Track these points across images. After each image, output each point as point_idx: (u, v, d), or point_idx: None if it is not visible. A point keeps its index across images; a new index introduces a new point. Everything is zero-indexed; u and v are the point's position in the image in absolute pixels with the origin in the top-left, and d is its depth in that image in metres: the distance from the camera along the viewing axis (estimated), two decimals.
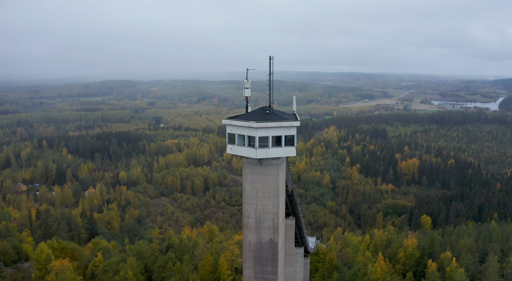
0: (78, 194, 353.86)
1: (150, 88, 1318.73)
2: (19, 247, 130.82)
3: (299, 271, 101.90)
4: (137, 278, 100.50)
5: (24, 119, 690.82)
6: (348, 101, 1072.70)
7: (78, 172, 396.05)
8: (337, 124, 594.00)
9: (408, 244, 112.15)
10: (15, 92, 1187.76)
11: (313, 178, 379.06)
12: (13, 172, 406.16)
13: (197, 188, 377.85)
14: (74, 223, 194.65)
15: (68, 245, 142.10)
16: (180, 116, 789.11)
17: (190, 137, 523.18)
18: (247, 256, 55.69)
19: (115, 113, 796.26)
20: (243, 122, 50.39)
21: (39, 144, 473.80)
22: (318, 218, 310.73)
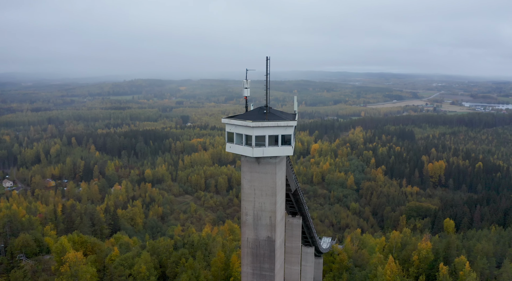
0: (104, 190, 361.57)
1: (179, 87, 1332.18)
2: (41, 240, 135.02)
3: (309, 271, 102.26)
4: (150, 273, 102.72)
5: (55, 117, 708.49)
6: (377, 102, 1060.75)
7: (105, 169, 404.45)
8: (364, 125, 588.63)
9: (422, 247, 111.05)
10: (47, 90, 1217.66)
11: (337, 178, 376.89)
12: (42, 168, 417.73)
13: (220, 186, 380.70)
14: (97, 218, 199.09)
15: (88, 239, 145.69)
16: (207, 116, 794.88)
17: (215, 136, 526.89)
18: (245, 253, 56.72)
19: (143, 111, 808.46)
20: (241, 122, 51.36)
21: (68, 141, 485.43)
22: (340, 219, 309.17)
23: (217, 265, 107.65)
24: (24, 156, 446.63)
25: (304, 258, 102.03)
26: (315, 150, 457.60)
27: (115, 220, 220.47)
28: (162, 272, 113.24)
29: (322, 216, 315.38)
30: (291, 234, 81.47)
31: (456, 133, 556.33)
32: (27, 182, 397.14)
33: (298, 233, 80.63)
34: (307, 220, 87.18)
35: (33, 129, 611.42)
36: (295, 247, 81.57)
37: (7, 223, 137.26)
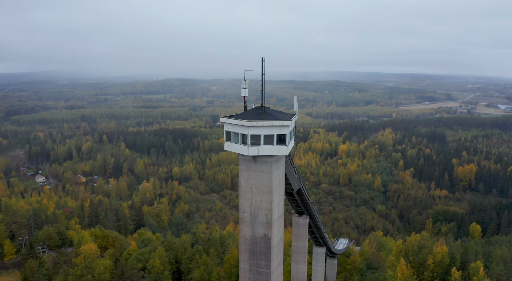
0: (132, 187, 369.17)
1: (210, 87, 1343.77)
2: (64, 233, 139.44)
3: (320, 271, 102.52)
4: (164, 267, 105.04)
5: (88, 115, 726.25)
6: (409, 103, 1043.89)
7: (134, 166, 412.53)
8: (394, 126, 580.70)
9: (438, 251, 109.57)
10: (82, 89, 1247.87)
11: (364, 180, 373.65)
12: (74, 164, 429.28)
13: None
14: (121, 214, 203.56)
15: (110, 233, 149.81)
16: None
17: None
18: (242, 249, 57.81)
19: (174, 110, 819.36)
20: (237, 121, 52.43)
21: (99, 138, 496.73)
22: (366, 221, 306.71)
23: (230, 262, 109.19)
24: (56, 152, 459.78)
25: (315, 258, 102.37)
26: (343, 151, 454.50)
27: (139, 216, 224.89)
28: (177, 268, 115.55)
29: (347, 218, 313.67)
30: (298, 233, 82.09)
31: (489, 137, 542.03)
32: (59, 177, 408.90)
33: (304, 233, 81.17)
34: (315, 219, 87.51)
35: (66, 127, 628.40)
36: (302, 246, 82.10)
37: (32, 216, 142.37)
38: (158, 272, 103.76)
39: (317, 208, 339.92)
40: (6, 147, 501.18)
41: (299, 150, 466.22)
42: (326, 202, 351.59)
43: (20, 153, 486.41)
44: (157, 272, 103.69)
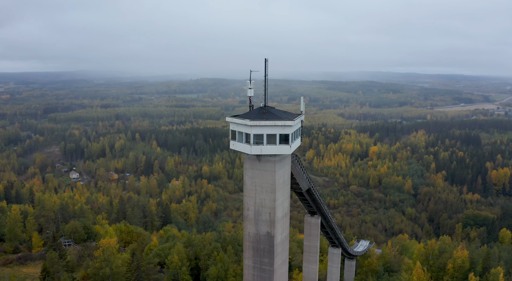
0: (162, 185, 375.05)
1: (243, 86, 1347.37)
2: (90, 227, 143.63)
3: (335, 271, 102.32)
4: (182, 263, 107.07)
5: (122, 113, 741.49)
6: (445, 105, 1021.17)
7: (165, 164, 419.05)
8: (427, 128, 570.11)
9: (458, 256, 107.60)
10: (118, 88, 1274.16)
11: (394, 182, 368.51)
12: (107, 161, 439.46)
13: None
14: (148, 210, 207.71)
15: (134, 229, 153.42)
16: None
17: None
18: (247, 246, 58.71)
19: (206, 110, 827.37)
20: (241, 120, 53.40)
21: (132, 136, 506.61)
22: (394, 224, 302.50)
23: None
24: (90, 149, 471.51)
25: (331, 258, 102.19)
26: (374, 152, 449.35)
27: (166, 213, 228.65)
28: (196, 264, 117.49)
29: (375, 220, 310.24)
30: (309, 233, 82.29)
31: None
32: (92, 174, 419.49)
33: (316, 232, 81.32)
34: (328, 220, 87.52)
35: (101, 125, 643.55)
36: (313, 246, 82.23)
37: (59, 210, 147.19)
38: (176, 268, 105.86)
39: (345, 209, 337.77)
40: (43, 143, 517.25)
41: (329, 151, 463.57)
42: (354, 203, 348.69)
43: (55, 150, 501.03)
44: (175, 268, 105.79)
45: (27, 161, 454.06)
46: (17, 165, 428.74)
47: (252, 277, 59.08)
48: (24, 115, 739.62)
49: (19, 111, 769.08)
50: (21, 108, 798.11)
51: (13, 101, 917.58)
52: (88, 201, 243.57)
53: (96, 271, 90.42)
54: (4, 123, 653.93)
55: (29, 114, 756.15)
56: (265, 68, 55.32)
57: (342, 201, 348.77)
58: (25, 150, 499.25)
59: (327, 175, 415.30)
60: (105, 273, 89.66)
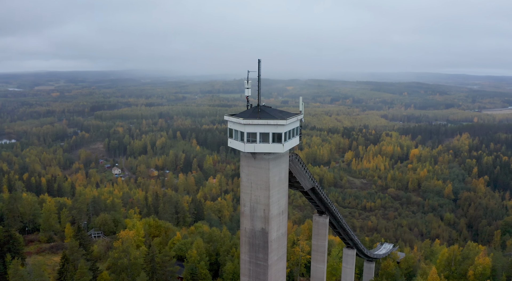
0: (200, 182, 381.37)
1: (286, 87, 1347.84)
2: (120, 220, 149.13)
3: (349, 273, 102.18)
4: (201, 258, 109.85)
5: (165, 112, 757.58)
6: (494, 107, 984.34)
7: (203, 162, 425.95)
8: (472, 131, 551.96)
9: (479, 263, 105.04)
10: (163, 87, 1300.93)
11: (434, 186, 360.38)
12: (148, 158, 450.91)
13: None
14: (180, 207, 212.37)
15: (163, 223, 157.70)
16: (309, 116, 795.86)
17: (313, 136, 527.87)
18: (243, 241, 60.34)
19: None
20: (235, 119, 55.12)
21: (173, 134, 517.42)
22: (431, 229, 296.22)
23: None
24: (133, 146, 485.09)
25: (345, 259, 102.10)
26: (414, 155, 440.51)
27: (199, 210, 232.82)
28: (216, 259, 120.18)
29: (412, 225, 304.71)
30: (317, 233, 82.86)
31: None
32: (133, 170, 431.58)
33: (324, 232, 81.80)
34: (339, 220, 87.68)
35: (145, 123, 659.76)
36: (321, 246, 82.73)
37: (91, 203, 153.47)
38: (194, 262, 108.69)
39: (381, 212, 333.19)
40: (88, 140, 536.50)
41: (369, 153, 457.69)
42: (391, 207, 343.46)
43: (100, 146, 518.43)
44: (194, 262, 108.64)
45: (72, 156, 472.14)
46: (63, 160, 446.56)
47: (248, 271, 60.71)
48: (72, 113, 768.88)
49: (67, 108, 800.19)
50: (69, 106, 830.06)
51: (62, 99, 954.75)
52: (124, 196, 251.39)
53: (115, 261, 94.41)
54: (53, 120, 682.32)
55: (77, 111, 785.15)
56: (259, 69, 56.76)
57: (378, 204, 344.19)
58: (71, 145, 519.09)
59: (365, 177, 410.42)
60: (123, 263, 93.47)
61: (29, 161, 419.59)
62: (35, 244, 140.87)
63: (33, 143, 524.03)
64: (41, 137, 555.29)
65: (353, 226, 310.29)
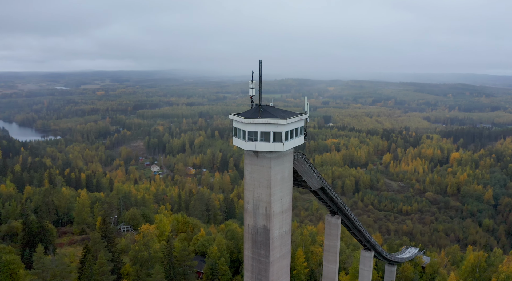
0: (235, 181, 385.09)
1: (327, 87, 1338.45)
2: (149, 215, 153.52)
3: (366, 275, 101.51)
4: (221, 254, 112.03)
5: (205, 111, 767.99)
6: None
7: (240, 162, 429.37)
8: None
9: (503, 270, 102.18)
10: (205, 87, 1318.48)
11: (474, 191, 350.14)
12: (186, 156, 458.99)
13: (347, 188, 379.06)
14: (211, 205, 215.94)
15: (191, 220, 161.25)
16: (349, 117, 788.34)
17: (351, 137, 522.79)
18: (246, 238, 61.70)
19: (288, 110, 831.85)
20: (238, 118, 56.71)
21: (212, 134, 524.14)
22: (468, 235, 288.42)
23: None
24: (171, 144, 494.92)
25: (362, 261, 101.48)
26: (455, 158, 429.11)
27: (230, 208, 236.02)
28: (237, 256, 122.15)
29: (448, 230, 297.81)
30: (329, 233, 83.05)
31: None
32: (171, 168, 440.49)
33: (336, 232, 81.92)
34: (353, 221, 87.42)
35: (185, 122, 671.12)
36: (333, 246, 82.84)
37: (122, 198, 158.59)
38: (214, 258, 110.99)
39: (418, 216, 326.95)
40: (129, 137, 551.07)
41: (407, 155, 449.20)
42: (428, 211, 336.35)
43: (140, 144, 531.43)
44: (214, 258, 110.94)
45: (113, 153, 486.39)
46: (104, 157, 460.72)
47: (251, 267, 62.09)
48: (115, 111, 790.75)
49: (111, 107, 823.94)
50: (113, 104, 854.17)
51: (107, 97, 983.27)
52: (159, 193, 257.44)
53: (136, 254, 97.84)
54: (96, 118, 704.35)
55: (120, 110, 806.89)
56: (260, 69, 57.99)
57: (415, 208, 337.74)
58: (113, 143, 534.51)
59: (403, 180, 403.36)
60: (144, 256, 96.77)
61: (72, 157, 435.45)
62: (67, 236, 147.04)
63: (77, 139, 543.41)
64: (85, 134, 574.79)
65: (387, 230, 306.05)
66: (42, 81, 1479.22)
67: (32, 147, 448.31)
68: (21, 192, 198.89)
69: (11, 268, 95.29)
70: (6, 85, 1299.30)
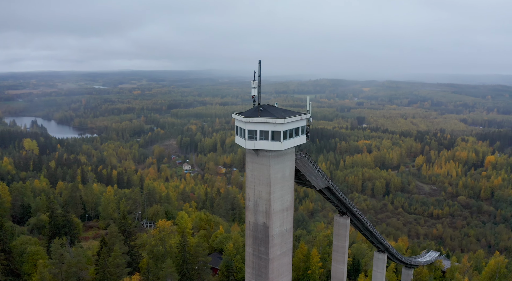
0: None
1: (362, 88, 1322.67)
2: (172, 212, 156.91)
3: (379, 277, 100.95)
4: (237, 251, 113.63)
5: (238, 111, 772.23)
6: None
7: None
8: None
9: None
10: (239, 87, 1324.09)
11: (508, 196, 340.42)
12: (217, 156, 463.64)
13: (377, 190, 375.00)
14: (237, 203, 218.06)
15: (213, 218, 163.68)
16: (383, 118, 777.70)
17: (384, 139, 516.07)
18: (248, 235, 62.94)
19: (320, 110, 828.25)
20: (238, 117, 58.18)
21: None
22: (500, 241, 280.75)
23: (298, 256, 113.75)
24: (203, 144, 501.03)
25: (376, 263, 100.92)
26: (490, 162, 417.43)
27: None
28: None
29: (479, 235, 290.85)
30: (338, 233, 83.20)
31: None
32: (202, 167, 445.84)
33: (344, 233, 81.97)
34: (363, 222, 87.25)
35: (218, 121, 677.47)
36: (341, 246, 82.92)
37: (146, 195, 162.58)
38: (230, 255, 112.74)
39: (449, 220, 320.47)
40: (163, 136, 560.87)
41: (441, 158, 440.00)
42: (460, 215, 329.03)
43: (173, 143, 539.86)
44: (230, 255, 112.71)
45: (146, 152, 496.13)
46: (138, 155, 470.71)
47: (252, 263, 63.36)
48: (150, 110, 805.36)
49: (146, 106, 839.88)
50: (148, 103, 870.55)
51: (143, 97, 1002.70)
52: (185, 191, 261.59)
53: (152, 248, 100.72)
54: (132, 117, 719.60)
55: (155, 109, 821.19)
56: (259, 69, 59.19)
57: (446, 212, 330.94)
58: (147, 141, 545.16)
59: (435, 183, 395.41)
60: (159, 250, 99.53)
61: (106, 155, 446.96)
62: (93, 230, 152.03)
63: (112, 137, 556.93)
64: (120, 132, 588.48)
65: (416, 233, 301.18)
66: (81, 80, 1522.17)
67: (68, 144, 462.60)
68: (53, 187, 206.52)
69: (35, 258, 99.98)
70: (47, 84, 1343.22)
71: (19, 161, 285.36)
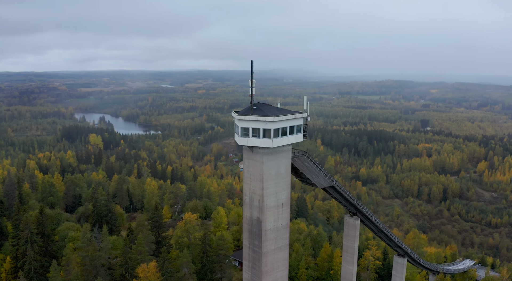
0: None
1: (430, 90, 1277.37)
2: (211, 207, 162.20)
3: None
4: None
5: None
6: None
7: (325, 162, 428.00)
8: None
9: None
10: (303, 87, 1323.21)
11: None
12: None
13: (434, 195, 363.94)
14: None
15: None
16: (449, 121, 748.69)
17: (446, 143, 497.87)
18: (244, 228, 65.39)
19: (383, 112, 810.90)
20: (234, 115, 61.18)
21: None
22: None
23: (322, 256, 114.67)
24: None
25: (395, 267, 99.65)
26: None
27: (300, 207, 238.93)
28: None
29: None
30: (347, 233, 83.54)
31: None
32: None
33: (353, 233, 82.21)
34: (376, 223, 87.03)
35: None
36: (351, 247, 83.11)
37: (187, 189, 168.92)
38: None
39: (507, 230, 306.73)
40: (222, 135, 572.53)
41: (505, 164, 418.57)
42: None
43: (231, 141, 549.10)
44: None
45: (205, 149, 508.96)
46: (196, 152, 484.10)
47: (248, 256, 66.10)
48: (213, 109, 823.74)
49: (209, 105, 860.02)
50: (211, 102, 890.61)
51: (207, 96, 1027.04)
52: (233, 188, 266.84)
53: (177, 239, 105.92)
54: (194, 115, 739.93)
55: (217, 108, 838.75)
56: (251, 69, 61.79)
57: (506, 221, 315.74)
58: (206, 139, 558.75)
59: (496, 191, 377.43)
60: (183, 242, 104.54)
61: (166, 151, 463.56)
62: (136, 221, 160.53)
63: (174, 135, 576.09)
64: (181, 130, 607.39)
65: (471, 242, 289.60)
66: (149, 79, 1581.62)
67: (131, 140, 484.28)
68: (110, 180, 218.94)
69: (74, 243, 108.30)
70: (117, 82, 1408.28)
71: (81, 154, 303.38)
